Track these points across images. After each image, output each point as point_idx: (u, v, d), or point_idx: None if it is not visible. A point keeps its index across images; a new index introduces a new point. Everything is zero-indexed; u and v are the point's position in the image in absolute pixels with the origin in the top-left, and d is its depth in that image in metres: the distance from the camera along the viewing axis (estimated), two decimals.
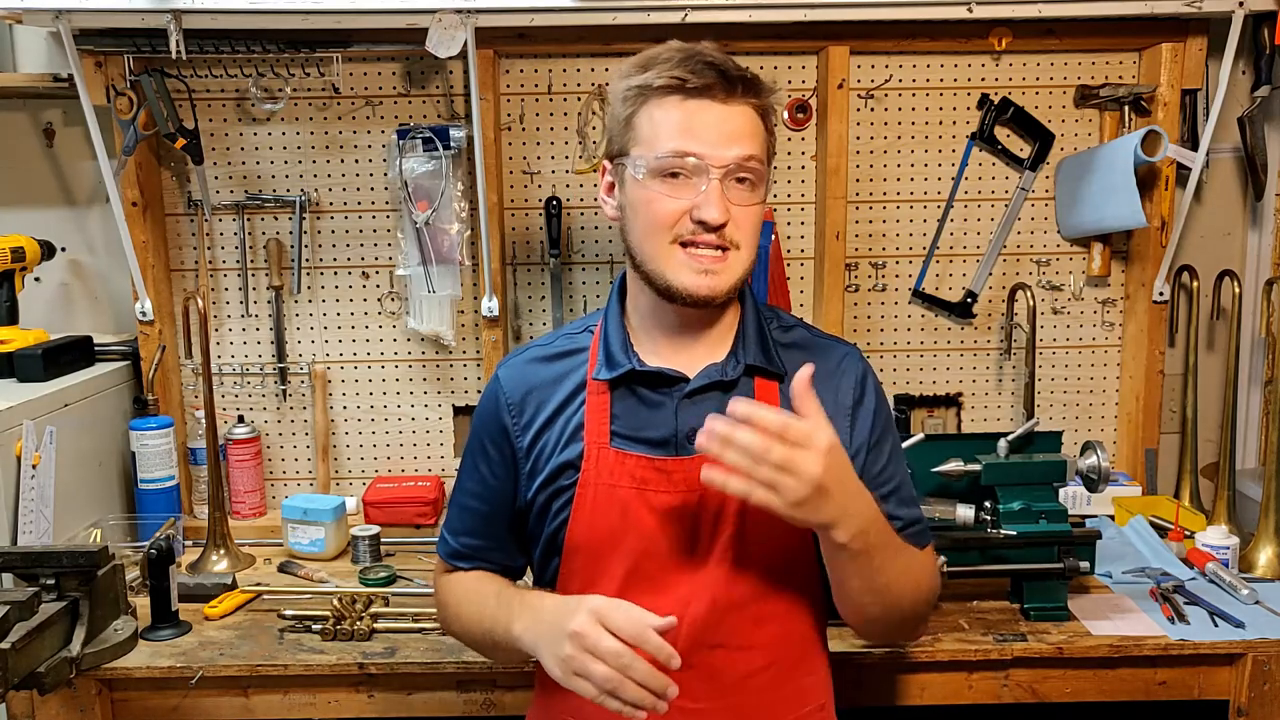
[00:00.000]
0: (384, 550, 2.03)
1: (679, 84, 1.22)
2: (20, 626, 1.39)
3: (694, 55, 1.23)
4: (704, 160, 1.21)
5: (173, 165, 2.14)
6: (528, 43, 2.07)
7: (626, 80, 1.26)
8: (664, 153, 1.22)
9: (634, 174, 1.25)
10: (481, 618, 1.31)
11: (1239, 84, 2.15)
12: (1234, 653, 1.62)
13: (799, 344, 1.35)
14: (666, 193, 1.22)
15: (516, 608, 1.25)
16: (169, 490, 2.08)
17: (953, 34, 2.07)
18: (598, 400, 1.29)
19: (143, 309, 2.09)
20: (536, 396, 1.33)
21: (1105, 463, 1.72)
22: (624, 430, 1.28)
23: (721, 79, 1.22)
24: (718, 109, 1.22)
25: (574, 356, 1.34)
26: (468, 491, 1.38)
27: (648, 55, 1.26)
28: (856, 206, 2.17)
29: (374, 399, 2.23)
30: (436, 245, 2.08)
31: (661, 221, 1.23)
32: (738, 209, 1.22)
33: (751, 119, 1.24)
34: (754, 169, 1.23)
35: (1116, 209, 2.02)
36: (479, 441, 1.37)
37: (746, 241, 1.25)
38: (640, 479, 1.26)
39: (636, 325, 1.33)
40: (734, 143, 1.22)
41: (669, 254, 1.23)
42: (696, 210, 1.21)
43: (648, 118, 1.24)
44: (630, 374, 1.28)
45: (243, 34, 1.98)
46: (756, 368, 1.29)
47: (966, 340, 2.24)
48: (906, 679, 1.63)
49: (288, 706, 1.63)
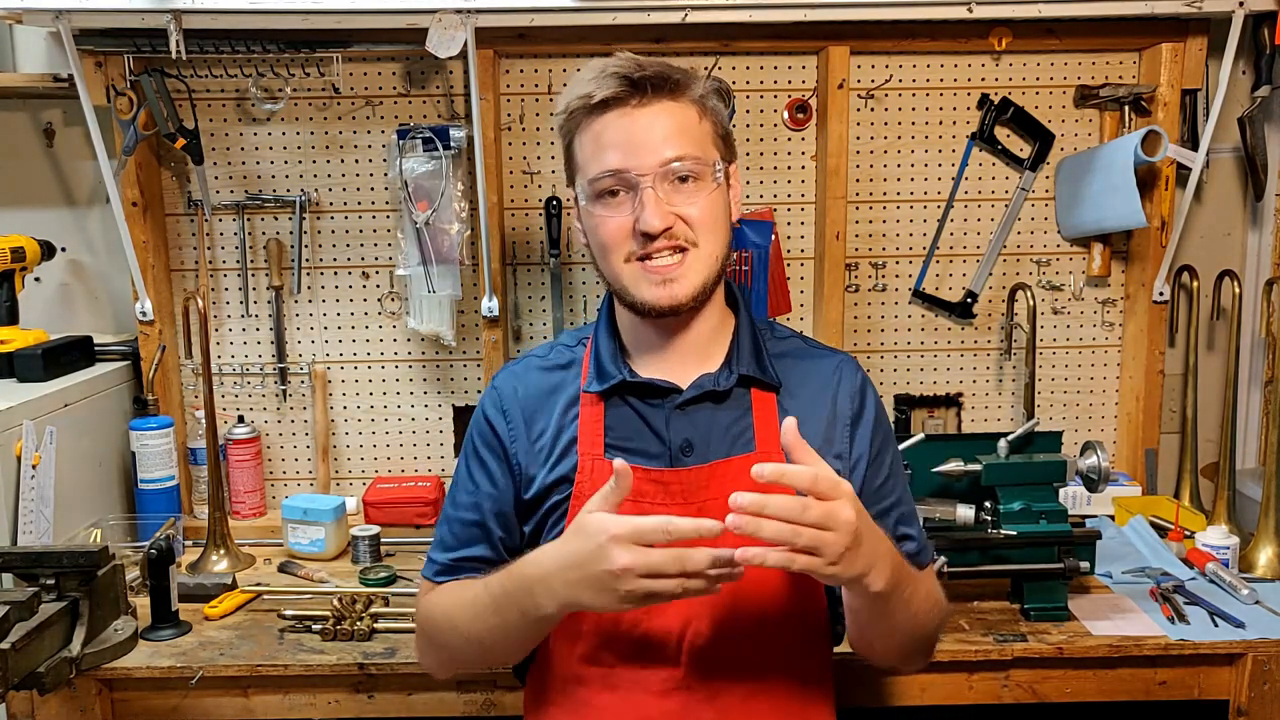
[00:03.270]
0: (384, 550, 2.03)
1: (587, 102, 1.21)
2: (20, 626, 1.39)
3: (602, 70, 1.22)
4: (629, 172, 1.20)
5: (173, 165, 2.14)
6: (528, 43, 2.07)
7: (556, 113, 1.27)
8: (592, 175, 1.22)
9: (582, 203, 1.26)
10: (482, 614, 1.21)
11: (1239, 84, 2.16)
12: (1234, 653, 1.62)
13: (792, 354, 1.33)
14: (607, 214, 1.22)
15: (519, 587, 1.15)
16: (169, 490, 2.08)
17: (952, 34, 2.07)
18: (591, 412, 1.28)
19: (143, 309, 2.09)
20: (532, 407, 1.32)
21: (1105, 463, 1.72)
22: (618, 442, 1.26)
23: (627, 85, 1.20)
24: (631, 117, 1.20)
25: (568, 369, 1.34)
26: (461, 505, 1.34)
27: (570, 81, 1.26)
28: (856, 206, 2.17)
29: (374, 399, 2.23)
30: (436, 245, 2.08)
31: (610, 242, 1.23)
32: (686, 209, 1.20)
33: (675, 116, 1.21)
34: (690, 167, 1.20)
35: (1116, 209, 2.02)
36: (474, 449, 1.35)
37: (705, 235, 1.22)
38: (636, 491, 1.20)
39: (626, 338, 1.32)
40: (657, 147, 1.19)
41: (627, 272, 1.23)
42: (637, 222, 1.20)
43: (578, 144, 1.25)
44: (622, 385, 1.27)
45: (243, 34, 1.98)
46: (750, 378, 1.27)
47: (966, 340, 2.24)
48: (906, 679, 1.63)
49: (288, 707, 1.63)
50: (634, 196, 1.20)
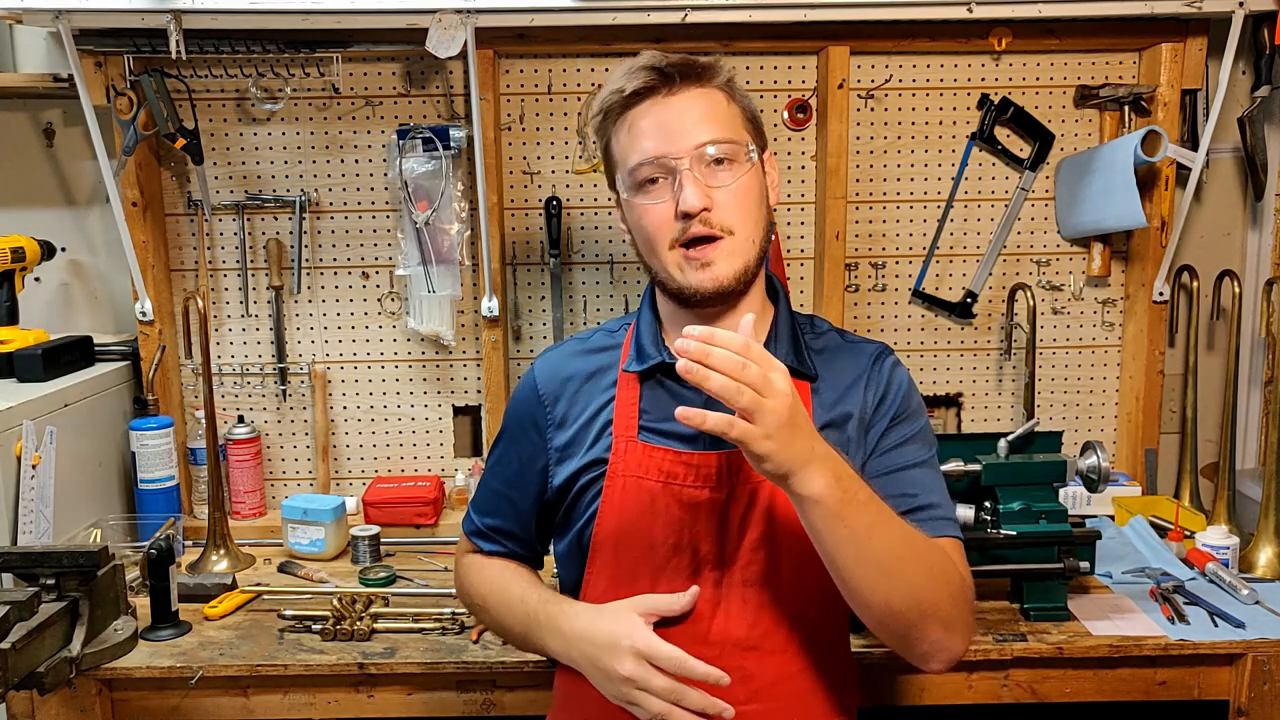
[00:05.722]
0: (384, 550, 2.03)
1: (619, 96, 1.25)
2: (20, 626, 1.39)
3: (630, 67, 1.26)
4: (666, 157, 1.23)
5: (173, 165, 2.14)
6: (528, 43, 2.07)
7: (592, 117, 1.32)
8: (631, 166, 1.26)
9: (625, 197, 1.29)
10: (511, 619, 1.34)
11: (1239, 84, 2.16)
12: (1234, 653, 1.62)
13: (830, 348, 1.35)
14: (649, 203, 1.25)
15: (545, 624, 1.28)
16: (169, 490, 2.08)
17: (952, 34, 2.07)
18: (627, 393, 1.31)
19: (143, 309, 2.09)
20: (570, 389, 1.36)
21: (1105, 463, 1.72)
22: (652, 424, 1.29)
23: (657, 75, 1.24)
24: (663, 105, 1.24)
25: (609, 352, 1.37)
26: (497, 476, 1.42)
27: (600, 88, 1.30)
28: (856, 206, 2.17)
29: (374, 399, 2.23)
30: (436, 245, 2.08)
31: (655, 230, 1.25)
32: (722, 191, 1.23)
33: (706, 102, 1.25)
34: (725, 150, 1.23)
35: (1116, 209, 2.02)
36: (511, 431, 1.40)
37: (739, 224, 1.24)
38: (668, 473, 1.26)
39: (668, 324, 1.35)
40: (691, 130, 1.23)
41: (671, 260, 1.26)
42: (678, 203, 1.22)
43: (616, 142, 1.29)
44: (660, 366, 1.30)
45: (243, 34, 1.98)
46: (788, 367, 1.27)
47: (966, 340, 2.24)
48: (906, 679, 1.63)
49: (287, 706, 1.63)
50: (673, 181, 1.23)
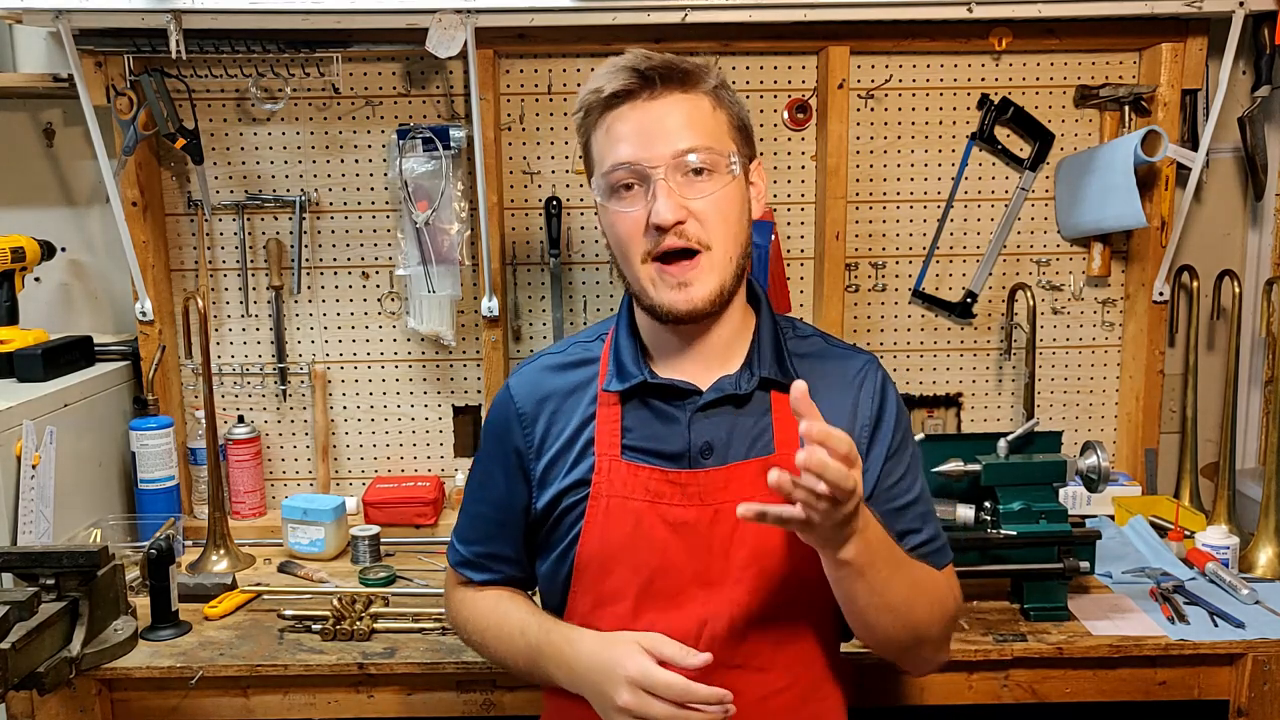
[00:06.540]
0: (384, 550, 2.03)
1: (598, 96, 1.20)
2: (20, 626, 1.39)
3: (613, 65, 1.21)
4: (641, 164, 1.18)
5: (173, 165, 2.14)
6: (528, 43, 2.07)
7: (573, 113, 1.27)
8: (606, 169, 1.21)
9: (600, 200, 1.24)
10: (513, 655, 1.31)
11: (1239, 84, 2.16)
12: (1234, 653, 1.62)
13: (815, 354, 1.31)
14: (621, 210, 1.21)
15: (550, 655, 1.25)
16: (169, 490, 2.08)
17: (952, 34, 2.07)
18: (609, 412, 1.27)
19: (143, 309, 2.09)
20: (549, 407, 1.31)
21: (1105, 463, 1.72)
22: (636, 443, 1.25)
23: (638, 78, 1.18)
24: (643, 109, 1.19)
25: (587, 367, 1.32)
26: (479, 500, 1.37)
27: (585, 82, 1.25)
28: (856, 206, 2.17)
29: (374, 399, 2.23)
30: (436, 245, 2.08)
31: (627, 239, 1.21)
32: (699, 202, 1.18)
33: (688, 107, 1.20)
34: (704, 159, 1.18)
35: (1116, 209, 2.02)
36: (489, 452, 1.35)
37: (717, 238, 1.20)
38: (654, 492, 1.23)
39: (646, 338, 1.31)
40: (669, 137, 1.18)
41: (644, 273, 1.21)
42: (650, 215, 1.18)
43: (594, 141, 1.24)
44: (642, 385, 1.26)
45: (243, 34, 1.98)
46: (771, 380, 1.25)
47: (966, 340, 2.24)
48: (906, 679, 1.63)
49: (287, 707, 1.63)
50: (647, 189, 1.18)
